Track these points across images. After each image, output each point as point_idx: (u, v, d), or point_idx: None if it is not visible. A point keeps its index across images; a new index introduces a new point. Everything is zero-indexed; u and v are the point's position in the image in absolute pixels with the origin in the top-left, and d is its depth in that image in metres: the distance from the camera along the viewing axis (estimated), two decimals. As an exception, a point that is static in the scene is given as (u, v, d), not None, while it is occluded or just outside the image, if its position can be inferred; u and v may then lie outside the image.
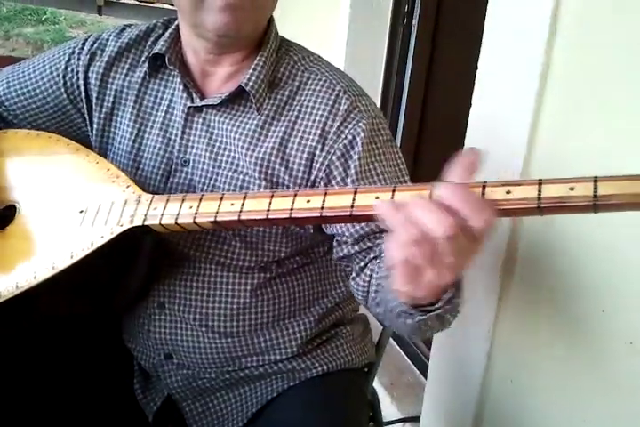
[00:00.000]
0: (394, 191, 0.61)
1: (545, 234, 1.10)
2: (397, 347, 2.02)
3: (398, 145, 0.95)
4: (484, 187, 0.56)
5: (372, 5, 1.97)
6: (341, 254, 0.88)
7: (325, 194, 0.64)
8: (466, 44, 1.22)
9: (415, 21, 1.98)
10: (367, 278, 0.84)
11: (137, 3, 3.44)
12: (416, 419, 1.59)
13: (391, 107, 2.10)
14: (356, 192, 0.62)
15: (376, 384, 1.77)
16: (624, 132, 0.92)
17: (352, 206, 0.62)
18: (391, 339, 2.04)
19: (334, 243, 0.89)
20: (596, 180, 0.53)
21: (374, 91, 2.07)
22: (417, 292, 0.59)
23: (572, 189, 0.54)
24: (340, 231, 0.86)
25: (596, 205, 0.53)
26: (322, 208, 0.63)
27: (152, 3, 3.30)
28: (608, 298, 0.97)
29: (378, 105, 2.05)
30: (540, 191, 0.55)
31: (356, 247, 0.85)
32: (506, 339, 1.20)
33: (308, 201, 0.64)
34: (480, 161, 0.56)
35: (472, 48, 1.23)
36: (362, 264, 0.85)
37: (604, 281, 0.97)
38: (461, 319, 1.34)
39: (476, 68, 1.21)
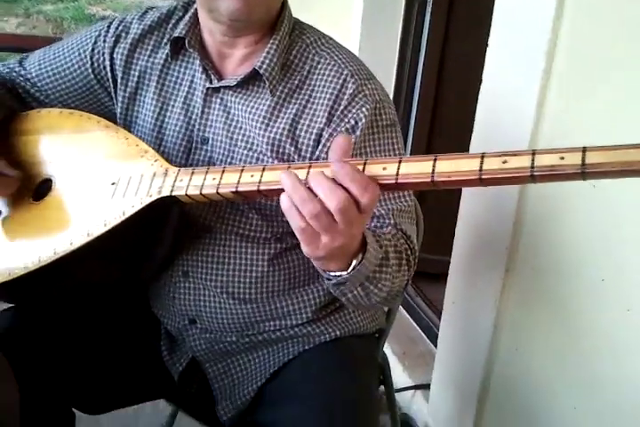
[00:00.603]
0: (400, 162, 0.66)
1: (550, 208, 1.14)
2: (410, 318, 2.08)
3: (400, 129, 0.98)
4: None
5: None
6: None
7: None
8: (479, 25, 1.25)
9: (429, 8, 2.01)
10: None
11: (155, -20, 3.48)
12: (426, 386, 1.65)
13: (405, 88, 2.12)
14: (365, 163, 0.67)
15: (389, 354, 1.84)
16: (626, 112, 0.96)
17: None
18: (404, 310, 2.12)
19: None
20: (584, 150, 0.57)
21: (389, 73, 2.10)
22: (317, 252, 0.69)
23: (562, 158, 0.58)
24: None
25: (584, 172, 0.57)
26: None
27: (170, -19, 3.32)
28: (608, 267, 1.01)
29: (392, 86, 2.10)
30: (533, 160, 0.59)
31: None
32: (512, 309, 1.25)
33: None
34: (351, 147, 0.67)
35: (485, 30, 1.26)
36: None
37: (604, 252, 1.02)
38: (468, 290, 1.40)
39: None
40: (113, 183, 0.85)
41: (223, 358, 1.04)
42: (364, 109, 0.91)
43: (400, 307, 2.14)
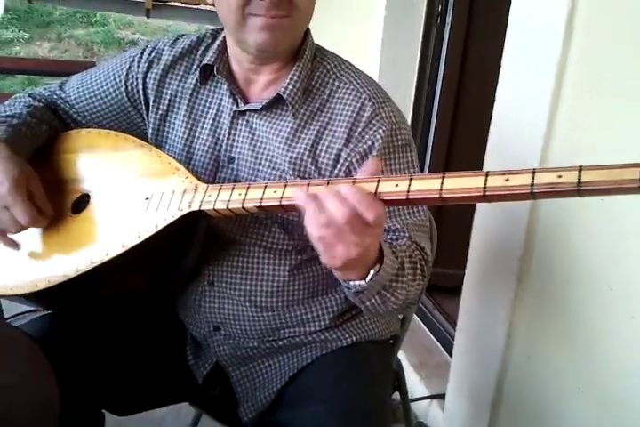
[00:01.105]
0: (411, 180, 0.71)
1: (561, 220, 1.19)
2: (427, 330, 2.13)
3: (415, 148, 1.04)
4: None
5: (406, 6, 2.06)
6: None
7: (354, 182, 0.74)
8: (497, 42, 1.31)
9: (448, 20, 2.07)
10: None
11: (182, 5, 3.59)
12: (442, 396, 1.69)
13: (424, 105, 2.19)
14: (379, 181, 0.73)
15: (406, 364, 1.89)
16: (633, 128, 1.00)
17: (376, 193, 0.72)
18: (421, 322, 2.16)
19: None
20: (580, 169, 0.62)
21: (408, 90, 2.16)
22: (334, 262, 0.75)
23: (560, 176, 0.63)
24: None
25: (580, 190, 0.62)
26: None
27: (197, 4, 3.44)
28: (615, 277, 1.06)
29: (411, 103, 2.16)
30: (533, 179, 0.64)
31: None
32: (524, 318, 1.30)
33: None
34: (380, 167, 0.75)
35: (502, 46, 1.31)
36: None
37: (611, 262, 1.07)
38: (482, 300, 1.45)
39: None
40: (147, 198, 0.92)
41: (245, 363, 1.10)
42: (380, 131, 0.97)
43: (417, 319, 2.19)
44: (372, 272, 0.79)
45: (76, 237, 0.97)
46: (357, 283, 0.80)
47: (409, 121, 2.17)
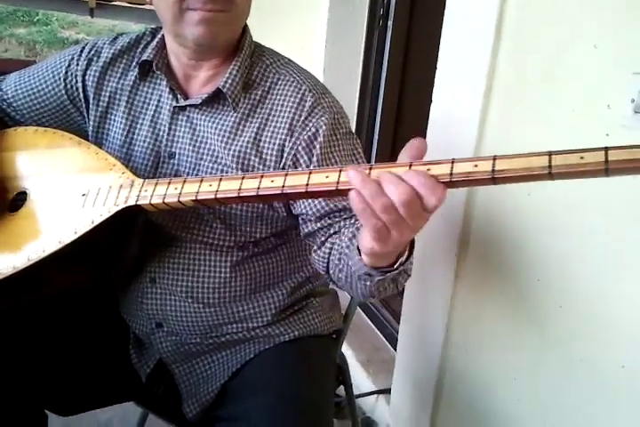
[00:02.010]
0: (340, 171, 0.74)
1: (493, 217, 1.24)
2: (374, 327, 2.16)
3: (358, 138, 1.08)
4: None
5: (348, 10, 2.11)
6: (306, 231, 1.01)
7: (286, 175, 0.77)
8: (436, 44, 1.35)
9: (390, 23, 2.13)
10: (327, 251, 0.97)
11: (128, 5, 3.55)
12: (388, 391, 1.73)
13: (368, 104, 2.24)
14: (310, 173, 0.76)
15: (354, 361, 1.92)
16: (558, 129, 1.06)
17: (307, 184, 0.75)
18: (369, 320, 2.19)
19: (300, 221, 1.02)
20: (494, 158, 0.65)
21: (353, 89, 2.21)
22: (385, 248, 0.71)
23: (476, 165, 0.66)
24: (304, 211, 1.00)
25: (494, 177, 0.65)
26: (283, 186, 0.76)
27: (142, 4, 3.42)
28: (542, 268, 1.11)
29: (356, 102, 2.20)
30: (452, 168, 0.68)
31: (318, 224, 0.99)
32: (461, 312, 1.34)
33: (272, 181, 0.77)
34: (425, 148, 0.69)
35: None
36: (322, 239, 0.99)
37: (539, 254, 1.12)
38: (423, 295, 1.49)
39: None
40: (83, 194, 0.92)
41: (188, 359, 1.11)
42: (323, 119, 0.99)
43: (365, 317, 2.23)
44: (402, 258, 0.77)
45: (14, 235, 0.96)
46: (388, 269, 0.77)
47: (354, 120, 2.21)
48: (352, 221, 0.96)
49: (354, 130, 1.12)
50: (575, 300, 1.04)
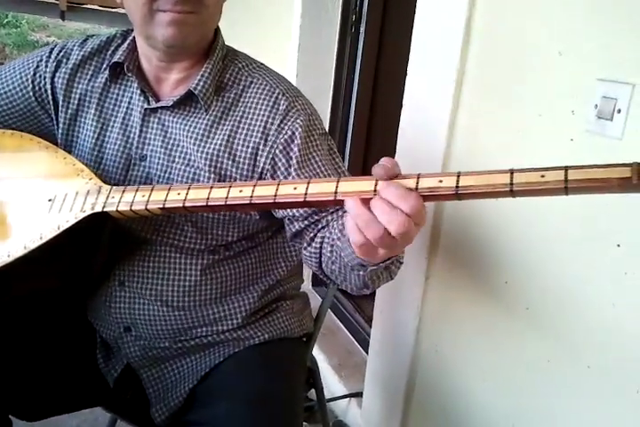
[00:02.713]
0: (309, 183, 0.74)
1: (462, 220, 1.25)
2: (347, 332, 2.17)
3: (332, 138, 1.09)
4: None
5: (321, 15, 2.12)
6: (294, 230, 1.01)
7: (255, 185, 0.77)
8: (408, 49, 1.36)
9: (362, 29, 2.14)
10: (318, 245, 0.96)
11: (99, 8, 3.52)
12: (359, 394, 1.73)
13: (341, 109, 2.25)
14: (279, 184, 0.76)
15: (326, 365, 1.93)
16: (525, 134, 1.08)
17: (275, 195, 0.75)
18: (341, 324, 2.20)
19: (286, 221, 1.02)
20: (459, 174, 0.66)
21: (325, 94, 2.22)
22: (372, 261, 0.75)
23: (440, 181, 0.67)
24: (290, 213, 1.00)
25: (458, 193, 0.65)
26: (251, 197, 0.76)
27: (114, 8, 3.39)
28: (509, 271, 1.13)
29: (329, 107, 2.22)
30: (417, 183, 0.68)
31: (306, 222, 0.99)
32: (431, 314, 1.36)
33: (241, 191, 0.77)
34: (395, 170, 0.69)
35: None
36: (312, 235, 0.98)
37: (507, 256, 1.14)
38: (394, 298, 1.50)
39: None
40: (50, 200, 0.91)
41: (157, 364, 1.10)
42: (298, 121, 1.00)
43: (338, 321, 2.23)
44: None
45: (-23, 240, 0.95)
46: (377, 262, 0.77)
47: (327, 125, 2.22)
48: (340, 214, 0.96)
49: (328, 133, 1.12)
50: (542, 301, 1.06)
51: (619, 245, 0.91)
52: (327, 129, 2.15)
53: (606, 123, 0.91)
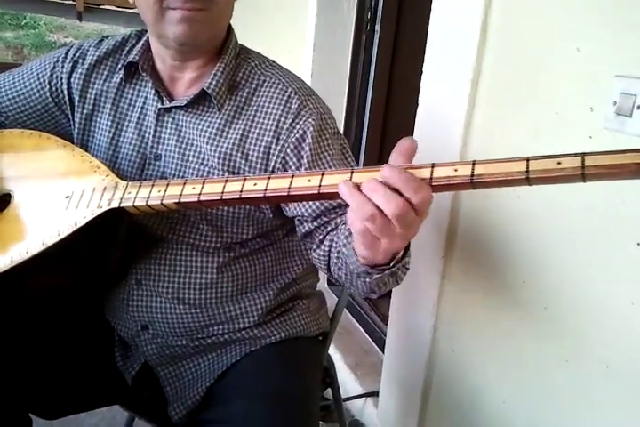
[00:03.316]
0: (322, 175, 0.74)
1: (479, 219, 1.24)
2: (363, 331, 2.16)
3: (345, 137, 1.09)
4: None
5: (336, 14, 2.12)
6: (303, 231, 1.01)
7: (269, 178, 0.77)
8: (423, 48, 1.36)
9: (377, 28, 2.14)
10: (327, 249, 0.96)
11: (116, 8, 3.55)
12: (376, 393, 1.73)
13: (356, 109, 2.25)
14: (293, 176, 0.76)
15: (342, 364, 1.92)
16: (542, 131, 1.07)
17: (289, 188, 0.75)
18: (357, 323, 2.20)
19: (296, 222, 1.02)
20: (474, 163, 0.66)
21: (340, 93, 2.22)
22: (376, 256, 0.72)
23: (455, 170, 0.67)
24: (299, 213, 1.00)
25: (473, 182, 0.65)
26: (266, 190, 0.76)
27: (130, 9, 3.42)
28: (527, 270, 1.12)
29: (344, 107, 2.22)
30: (432, 172, 0.68)
31: (315, 223, 0.99)
32: (448, 313, 1.35)
33: (255, 184, 0.77)
34: (415, 147, 0.69)
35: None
36: (321, 237, 0.99)
37: (525, 256, 1.12)
38: (410, 298, 1.50)
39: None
40: (67, 197, 0.92)
41: (174, 362, 1.10)
42: (310, 120, 1.00)
43: (354, 320, 2.23)
44: (399, 255, 0.75)
45: (-3, 237, 0.96)
46: (385, 267, 0.76)
47: (342, 124, 2.22)
48: None
49: (342, 133, 1.12)
50: (560, 301, 1.05)
51: (638, 244, 0.90)
52: (342, 129, 2.19)
53: (625, 119, 0.90)
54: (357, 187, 0.67)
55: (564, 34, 1.01)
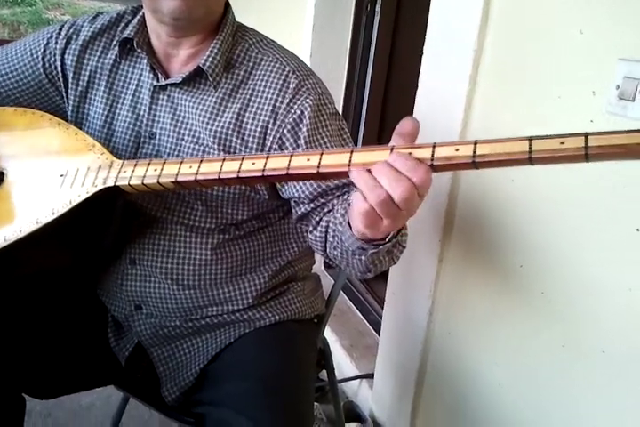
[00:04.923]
0: (322, 154, 0.73)
1: (477, 203, 1.24)
2: (359, 313, 2.17)
3: (344, 118, 1.07)
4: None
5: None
6: (300, 213, 1.00)
7: (267, 157, 0.76)
8: (423, 29, 1.33)
9: (378, 9, 2.11)
10: (323, 230, 0.96)
11: (113, -14, 3.50)
12: (371, 375, 1.73)
13: (355, 90, 2.23)
14: (292, 155, 0.75)
15: (338, 346, 1.93)
16: (543, 115, 1.05)
17: (288, 167, 0.74)
18: (353, 305, 2.20)
19: (292, 203, 1.01)
20: (475, 142, 0.65)
21: (340, 74, 2.19)
22: (375, 235, 0.73)
23: (457, 150, 0.66)
24: (296, 194, 0.99)
25: (475, 162, 0.64)
26: (264, 169, 0.75)
27: (128, -14, 3.36)
28: (525, 255, 1.11)
29: (343, 87, 2.19)
30: (433, 152, 0.67)
31: (312, 205, 0.98)
32: (444, 297, 1.35)
33: (253, 163, 0.76)
34: (417, 128, 0.69)
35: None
36: (317, 219, 0.98)
37: (522, 240, 1.12)
38: (407, 280, 1.49)
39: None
40: (61, 175, 0.91)
41: (167, 343, 1.10)
42: (308, 100, 0.98)
43: (350, 303, 2.23)
44: (393, 232, 0.75)
45: (-11, 216, 0.95)
46: (380, 242, 0.76)
47: (341, 105, 2.20)
48: (345, 197, 0.95)
49: (341, 114, 1.10)
50: (557, 286, 1.04)
51: (638, 230, 0.89)
52: (341, 110, 2.17)
53: (628, 104, 0.89)
54: (367, 170, 0.67)
55: (566, 16, 0.99)
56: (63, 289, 1.13)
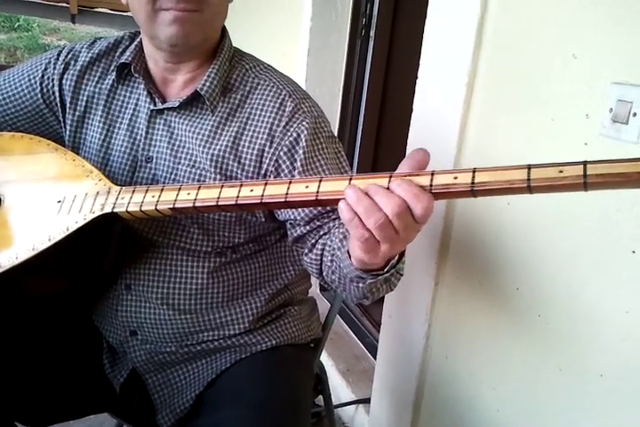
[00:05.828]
0: (320, 181, 0.73)
1: (472, 226, 1.24)
2: (355, 337, 2.15)
3: (340, 142, 1.08)
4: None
5: (331, 19, 2.12)
6: (295, 235, 1.00)
7: (266, 184, 0.76)
8: (417, 53, 1.35)
9: (372, 33, 2.14)
10: (319, 252, 0.95)
11: (110, 11, 3.53)
12: (367, 400, 1.72)
13: (351, 113, 2.25)
14: (290, 182, 0.75)
15: (334, 371, 1.91)
16: (537, 138, 1.06)
17: (286, 194, 0.74)
18: (349, 329, 2.18)
19: (288, 226, 1.01)
20: (474, 171, 0.65)
21: (335, 98, 2.22)
22: (373, 260, 0.72)
23: (455, 177, 0.66)
24: (292, 217, 0.99)
25: (474, 190, 0.64)
26: (262, 196, 0.75)
27: (124, 11, 3.40)
28: (521, 277, 1.11)
29: (338, 111, 2.21)
30: (432, 180, 0.67)
31: (308, 227, 0.98)
32: (441, 320, 1.34)
33: (252, 190, 0.76)
34: (428, 160, 0.68)
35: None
36: (313, 241, 0.98)
37: (518, 264, 1.12)
38: (403, 304, 1.49)
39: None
40: (59, 201, 0.91)
41: (163, 369, 1.09)
42: (304, 123, 0.99)
43: (346, 326, 2.22)
44: (394, 261, 0.75)
45: (-15, 242, 0.94)
46: (379, 272, 0.76)
47: (336, 128, 2.21)
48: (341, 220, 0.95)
49: (337, 137, 1.11)
50: (554, 309, 1.04)
51: (634, 252, 0.89)
52: (336, 133, 2.18)
53: (621, 126, 0.90)
54: (364, 192, 0.67)
55: (560, 40, 1.01)
56: (58, 315, 1.12)
